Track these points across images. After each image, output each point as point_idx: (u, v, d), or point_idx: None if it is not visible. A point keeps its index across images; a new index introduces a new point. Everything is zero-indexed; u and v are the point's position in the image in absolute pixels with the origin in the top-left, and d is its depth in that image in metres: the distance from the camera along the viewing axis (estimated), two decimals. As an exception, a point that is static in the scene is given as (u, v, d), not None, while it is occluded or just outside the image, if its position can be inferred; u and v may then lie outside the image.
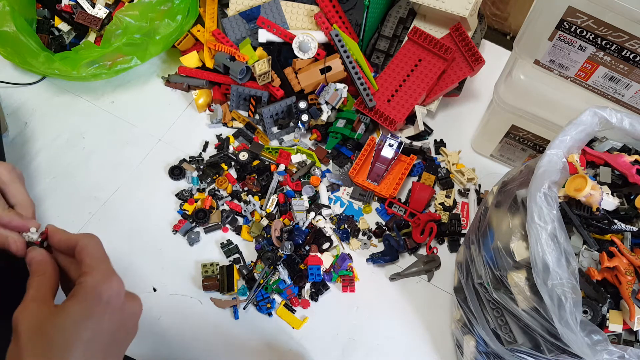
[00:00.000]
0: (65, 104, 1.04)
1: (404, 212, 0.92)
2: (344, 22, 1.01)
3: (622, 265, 0.54)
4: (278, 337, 0.84)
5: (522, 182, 0.64)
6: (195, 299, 0.86)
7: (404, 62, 1.00)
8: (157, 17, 0.96)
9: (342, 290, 0.88)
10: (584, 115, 0.61)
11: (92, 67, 0.96)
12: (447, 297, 0.88)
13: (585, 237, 0.57)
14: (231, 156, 0.98)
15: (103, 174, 0.97)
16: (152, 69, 1.09)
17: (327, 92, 0.96)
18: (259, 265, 0.87)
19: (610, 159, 0.62)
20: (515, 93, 0.82)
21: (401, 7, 1.04)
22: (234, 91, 1.00)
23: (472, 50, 0.97)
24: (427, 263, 0.89)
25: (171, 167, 0.97)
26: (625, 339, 0.56)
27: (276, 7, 1.02)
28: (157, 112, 1.04)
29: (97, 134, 1.01)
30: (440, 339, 0.85)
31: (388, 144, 0.90)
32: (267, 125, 0.99)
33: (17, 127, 1.01)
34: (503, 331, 0.63)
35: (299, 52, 0.99)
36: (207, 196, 0.93)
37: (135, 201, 0.95)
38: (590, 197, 0.57)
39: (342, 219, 0.93)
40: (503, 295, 0.61)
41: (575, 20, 0.68)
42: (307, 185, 0.94)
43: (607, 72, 0.73)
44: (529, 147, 0.91)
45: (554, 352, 0.58)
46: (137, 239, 0.91)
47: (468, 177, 0.96)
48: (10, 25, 0.92)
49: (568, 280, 0.51)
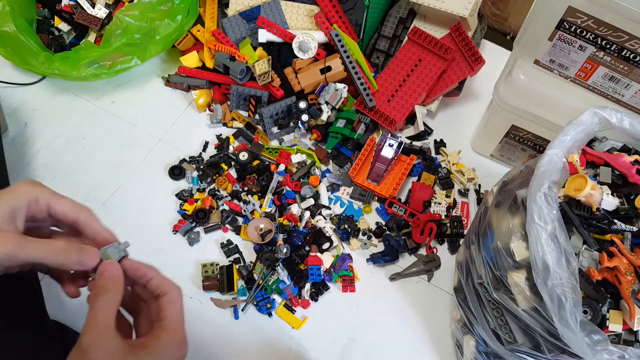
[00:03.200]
0: (65, 104, 1.04)
1: (404, 212, 0.92)
2: (344, 22, 1.01)
3: (622, 265, 0.54)
4: (278, 337, 0.84)
5: (522, 182, 0.64)
6: (195, 299, 0.86)
7: (404, 62, 1.00)
8: (157, 17, 0.96)
9: (342, 290, 0.88)
10: (584, 115, 0.61)
11: (92, 67, 0.96)
12: (447, 297, 0.88)
13: (585, 237, 0.57)
14: (231, 156, 0.98)
15: (103, 174, 0.97)
16: (152, 69, 1.09)
17: (327, 92, 0.96)
18: (259, 266, 0.87)
19: (610, 159, 0.62)
20: (515, 93, 0.82)
21: (401, 7, 1.04)
22: (234, 91, 1.00)
23: (472, 50, 0.97)
24: (427, 263, 0.89)
25: (171, 167, 0.97)
26: (625, 339, 0.56)
27: (276, 7, 1.02)
28: (157, 112, 1.04)
29: (97, 134, 1.01)
30: (440, 339, 0.85)
31: (388, 144, 0.90)
32: (267, 125, 0.99)
33: (17, 127, 1.01)
34: (503, 331, 0.63)
35: (299, 52, 0.99)
36: (207, 196, 0.93)
37: (135, 201, 0.95)
38: (590, 197, 0.57)
39: (342, 219, 0.93)
40: (503, 295, 0.61)
41: (575, 20, 0.68)
42: (306, 186, 0.94)
43: (607, 72, 0.73)
44: (529, 147, 0.91)
45: (554, 352, 0.58)
46: (137, 239, 0.91)
47: (468, 177, 0.96)
48: (10, 25, 0.92)
49: (568, 280, 0.51)
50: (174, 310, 0.50)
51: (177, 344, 0.49)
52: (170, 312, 0.50)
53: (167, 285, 0.51)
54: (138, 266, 0.53)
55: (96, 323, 0.46)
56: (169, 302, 0.50)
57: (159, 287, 0.51)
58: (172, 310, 0.50)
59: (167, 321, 0.49)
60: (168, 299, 0.50)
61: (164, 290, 0.51)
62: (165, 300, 0.50)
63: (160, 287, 0.51)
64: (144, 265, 0.53)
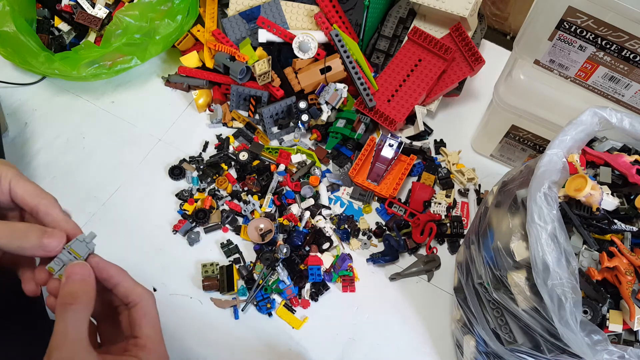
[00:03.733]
0: (65, 104, 1.04)
1: (404, 212, 0.92)
2: (344, 22, 1.01)
3: (622, 265, 0.54)
4: (278, 337, 0.84)
5: (522, 182, 0.64)
6: (195, 299, 0.86)
7: (404, 62, 1.00)
8: (157, 17, 0.96)
9: (342, 290, 0.88)
10: (584, 115, 0.61)
11: (92, 67, 0.96)
12: (447, 297, 0.88)
13: (585, 237, 0.57)
14: (231, 156, 0.98)
15: (103, 174, 0.97)
16: (152, 69, 1.09)
17: (327, 92, 0.96)
18: (259, 266, 0.87)
19: (610, 159, 0.62)
20: (515, 93, 0.82)
21: (401, 7, 1.04)
22: (234, 91, 1.00)
23: (472, 50, 0.97)
24: (427, 263, 0.89)
25: (171, 167, 0.97)
26: (625, 339, 0.56)
27: (276, 7, 1.02)
28: (157, 112, 1.04)
29: (97, 134, 1.01)
30: (440, 339, 0.85)
31: (388, 144, 0.90)
32: (267, 125, 0.99)
33: (17, 127, 1.01)
34: (503, 331, 0.63)
35: (299, 52, 0.99)
36: (207, 196, 0.93)
37: (135, 201, 0.95)
38: (590, 197, 0.57)
39: (342, 219, 0.93)
40: (503, 295, 0.61)
41: (575, 20, 0.68)
42: (306, 186, 0.94)
43: (607, 72, 0.73)
44: (529, 147, 0.91)
45: (554, 352, 0.58)
46: (137, 239, 0.91)
47: (468, 177, 0.96)
48: (10, 25, 0.92)
49: (568, 280, 0.51)
50: (149, 324, 0.45)
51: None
52: (146, 328, 0.45)
53: (137, 294, 0.46)
54: (105, 266, 0.46)
55: (67, 338, 0.40)
56: (142, 316, 0.45)
57: (128, 295, 0.46)
58: (147, 324, 0.45)
59: (144, 340, 0.44)
60: (141, 311, 0.45)
61: (134, 300, 0.46)
62: (138, 313, 0.45)
63: (130, 295, 0.46)
64: (112, 265, 0.47)
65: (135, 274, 0.90)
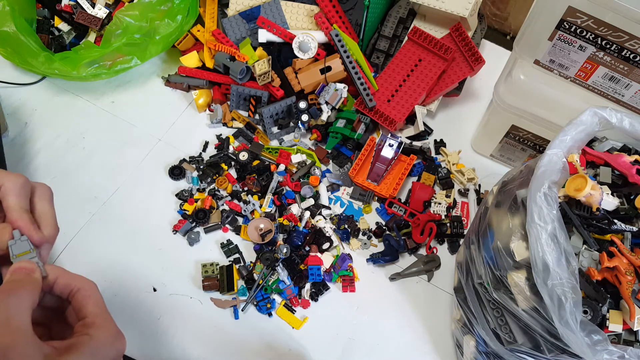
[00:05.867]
0: (65, 104, 1.04)
1: (404, 212, 0.92)
2: (344, 22, 1.01)
3: (622, 265, 0.54)
4: (278, 337, 0.84)
5: (522, 182, 0.64)
6: (195, 299, 0.86)
7: (404, 62, 1.00)
8: (157, 17, 0.96)
9: (342, 290, 0.88)
10: (584, 115, 0.61)
11: (92, 67, 0.96)
12: (447, 297, 0.88)
13: (585, 237, 0.57)
14: (231, 156, 0.98)
15: (103, 174, 0.97)
16: (152, 69, 1.09)
17: (327, 92, 0.96)
18: (258, 266, 0.87)
19: (610, 159, 0.62)
20: (515, 93, 0.82)
21: (401, 7, 1.04)
22: (234, 91, 1.00)
23: (472, 50, 0.97)
24: (427, 263, 0.89)
25: (171, 167, 0.97)
26: (625, 339, 0.56)
27: (276, 7, 1.02)
28: (157, 112, 1.04)
29: (97, 134, 1.01)
30: (440, 339, 0.85)
31: (388, 144, 0.90)
32: (267, 125, 0.99)
33: (17, 127, 1.01)
34: (503, 331, 0.63)
35: (299, 52, 0.99)
36: (207, 196, 0.93)
37: (135, 201, 0.95)
38: (590, 197, 0.57)
39: (342, 219, 0.93)
40: (503, 295, 0.61)
41: (575, 20, 0.68)
42: (306, 186, 0.94)
43: (607, 72, 0.73)
44: (529, 147, 0.91)
45: (554, 352, 0.58)
46: (137, 239, 0.91)
47: (468, 177, 0.96)
48: (10, 25, 0.92)
49: (568, 280, 0.51)
50: (94, 303, 0.43)
51: (111, 338, 0.42)
52: (91, 307, 0.43)
53: (78, 281, 0.44)
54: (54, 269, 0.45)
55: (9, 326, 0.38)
56: (86, 297, 0.44)
57: (68, 285, 0.44)
58: (92, 304, 0.43)
59: (92, 317, 0.43)
60: (84, 293, 0.44)
61: (75, 286, 0.44)
62: (81, 295, 0.44)
63: (71, 284, 0.44)
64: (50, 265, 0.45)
65: (135, 274, 0.90)
